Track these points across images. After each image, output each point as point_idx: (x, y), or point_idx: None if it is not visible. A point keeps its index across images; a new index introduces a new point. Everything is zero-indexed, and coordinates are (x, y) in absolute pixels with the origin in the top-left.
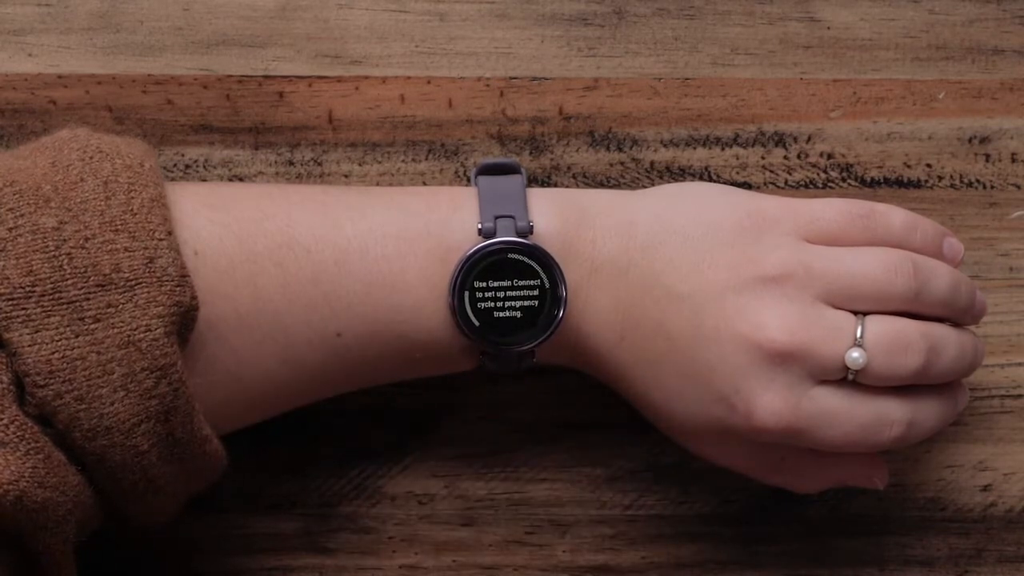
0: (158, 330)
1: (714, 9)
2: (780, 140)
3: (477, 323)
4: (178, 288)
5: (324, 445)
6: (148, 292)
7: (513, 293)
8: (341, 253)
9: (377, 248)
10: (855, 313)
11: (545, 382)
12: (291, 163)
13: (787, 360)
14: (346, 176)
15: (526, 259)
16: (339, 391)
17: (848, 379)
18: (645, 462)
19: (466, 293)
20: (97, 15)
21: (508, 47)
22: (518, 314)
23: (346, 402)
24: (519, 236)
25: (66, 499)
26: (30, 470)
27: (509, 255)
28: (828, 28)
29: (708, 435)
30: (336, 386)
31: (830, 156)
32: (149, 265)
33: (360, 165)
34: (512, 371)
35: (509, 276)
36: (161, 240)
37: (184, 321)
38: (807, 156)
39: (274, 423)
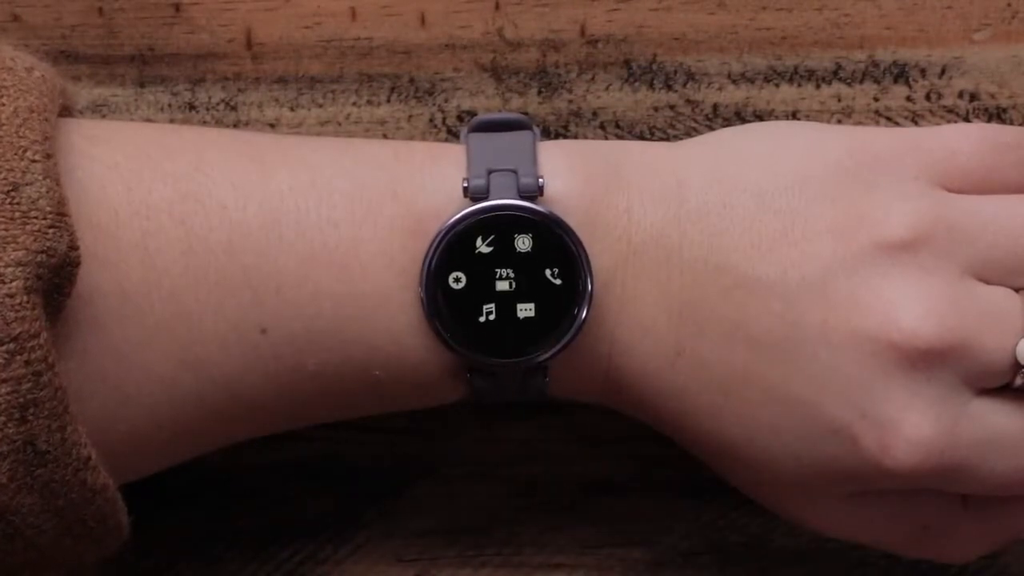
0: (15, 283)
1: None
2: (901, 73)
3: (462, 327)
4: (51, 230)
5: (241, 513)
6: (6, 229)
7: (514, 283)
8: (270, 212)
9: (322, 209)
10: (1016, 291)
11: (561, 422)
12: (192, 106)
13: (936, 363)
14: (272, 125)
15: (533, 233)
16: (268, 425)
17: (1017, 384)
18: (707, 540)
19: (446, 282)
20: None
21: None
22: (521, 315)
23: (272, 450)
24: (523, 199)
25: None
26: None
27: (508, 226)
28: None
29: (813, 489)
30: (263, 413)
31: (973, 96)
32: (12, 194)
33: (292, 110)
34: (514, 403)
35: (508, 258)
36: (34, 162)
37: (55, 280)
38: (940, 97)
39: (168, 479)
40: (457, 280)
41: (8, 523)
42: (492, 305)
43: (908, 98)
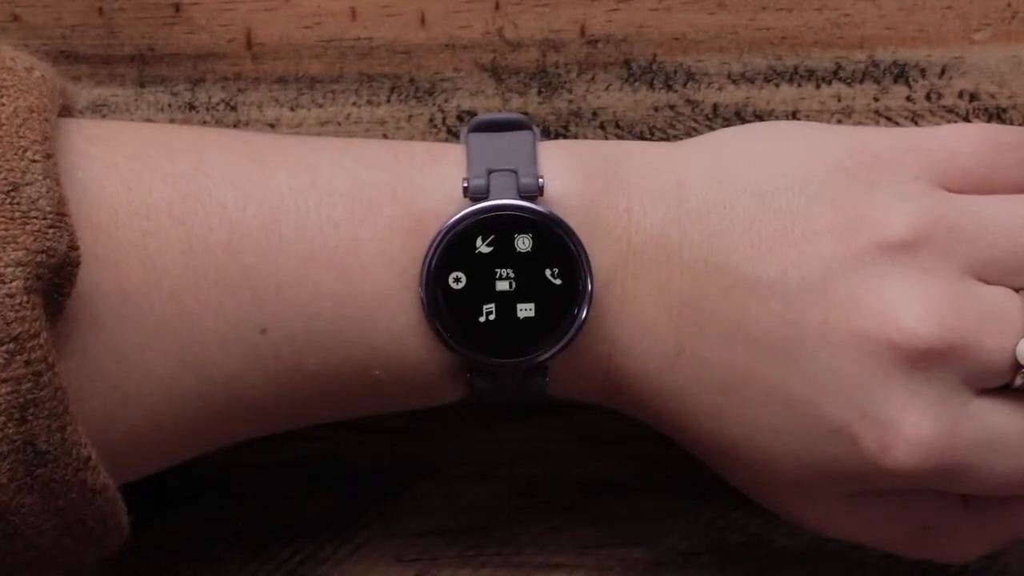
0: (14, 283)
1: None
2: (901, 73)
3: (462, 327)
4: (51, 230)
5: (241, 513)
6: (6, 229)
7: (514, 283)
8: (270, 212)
9: (322, 209)
10: (1016, 291)
11: (561, 422)
12: (192, 106)
13: (936, 363)
14: (272, 125)
15: (533, 233)
16: (268, 425)
17: (1017, 384)
18: (707, 540)
19: (446, 282)
20: None
21: None
22: (521, 315)
23: (272, 450)
24: (523, 198)
25: None
26: None
27: (508, 226)
28: None
29: (813, 489)
30: (263, 413)
31: (973, 96)
32: (12, 194)
33: (292, 110)
34: (514, 402)
35: (508, 258)
36: (34, 162)
37: (55, 280)
38: (940, 97)
39: (168, 479)
40: (457, 280)
41: (8, 523)
42: (492, 305)
43: (908, 98)
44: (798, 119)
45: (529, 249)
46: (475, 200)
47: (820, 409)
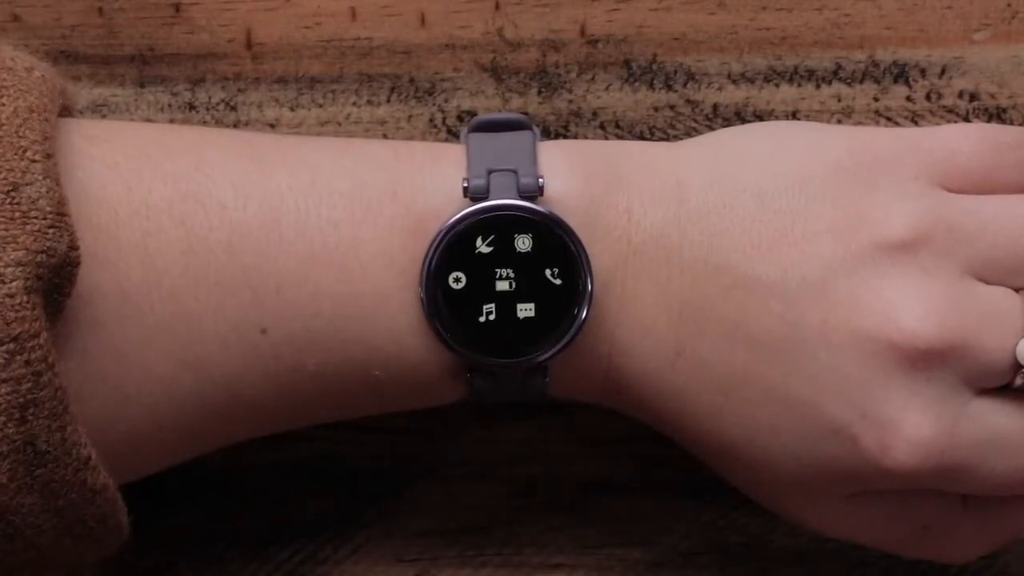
0: (14, 283)
1: None
2: (901, 73)
3: (462, 327)
4: (51, 230)
5: (241, 513)
6: (6, 229)
7: (514, 283)
8: (270, 212)
9: (322, 209)
10: (1016, 291)
11: (561, 422)
12: (192, 106)
13: (935, 363)
14: (272, 125)
15: (533, 233)
16: (268, 425)
17: (1017, 384)
18: (707, 540)
19: (446, 282)
20: None
21: None
22: (521, 315)
23: (272, 450)
24: (523, 198)
25: None
26: None
27: (508, 226)
28: None
29: (813, 489)
30: (263, 413)
31: (973, 96)
32: (12, 194)
33: (292, 110)
34: (514, 402)
35: (508, 258)
36: (34, 162)
37: (55, 280)
38: (940, 97)
39: (168, 479)
40: (457, 280)
41: (8, 523)
42: (492, 305)
43: (908, 98)
44: (798, 119)
45: (529, 249)
46: (475, 200)
47: (820, 409)
